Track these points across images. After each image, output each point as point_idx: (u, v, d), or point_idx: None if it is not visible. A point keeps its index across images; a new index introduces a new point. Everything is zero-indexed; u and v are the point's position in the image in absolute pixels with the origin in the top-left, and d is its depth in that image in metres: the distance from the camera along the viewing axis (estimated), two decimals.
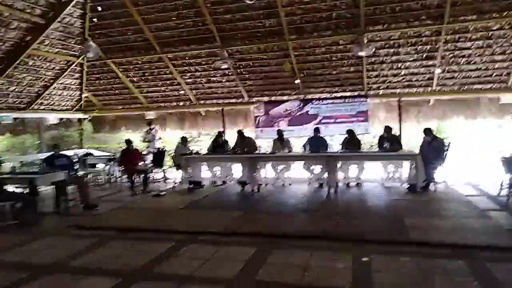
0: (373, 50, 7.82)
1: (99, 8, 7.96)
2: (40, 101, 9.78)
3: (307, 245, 4.43)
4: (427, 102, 9.66)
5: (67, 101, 10.75)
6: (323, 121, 9.92)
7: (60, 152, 7.78)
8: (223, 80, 9.81)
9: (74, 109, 11.27)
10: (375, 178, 8.31)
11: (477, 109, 9.33)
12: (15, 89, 8.78)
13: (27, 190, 6.37)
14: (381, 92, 9.51)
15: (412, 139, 11.10)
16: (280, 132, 8.82)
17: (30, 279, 3.75)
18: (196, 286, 3.47)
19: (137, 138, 11.98)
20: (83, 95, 10.81)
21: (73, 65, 9.39)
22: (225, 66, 8.58)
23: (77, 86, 10.47)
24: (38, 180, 6.44)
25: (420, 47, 8.11)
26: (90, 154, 10.27)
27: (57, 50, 8.62)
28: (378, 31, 7.81)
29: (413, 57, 8.36)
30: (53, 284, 3.68)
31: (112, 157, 9.56)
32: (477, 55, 8.03)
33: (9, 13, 6.72)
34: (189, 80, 9.95)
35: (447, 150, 7.65)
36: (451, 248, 4.10)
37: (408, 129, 10.44)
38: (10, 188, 6.42)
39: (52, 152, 7.80)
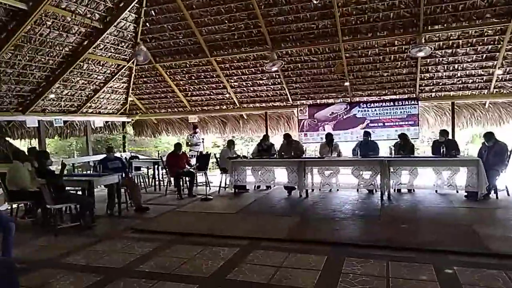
0: (431, 51, 7.51)
1: (153, 12, 8.04)
2: (89, 104, 9.99)
3: (380, 254, 4.23)
4: (481, 105, 9.23)
5: (113, 104, 10.96)
6: (371, 124, 9.67)
7: (115, 155, 7.91)
8: (269, 83, 9.72)
9: (119, 112, 11.48)
10: (428, 184, 8.00)
11: None
12: (68, 92, 8.99)
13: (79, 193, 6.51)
14: (433, 94, 9.15)
15: (462, 143, 10.66)
16: (329, 136, 8.60)
17: (106, 282, 3.74)
18: None
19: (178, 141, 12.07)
20: (129, 99, 10.98)
21: (123, 69, 9.54)
22: (275, 68, 8.47)
23: (124, 90, 10.65)
24: (96, 182, 6.56)
25: (480, 47, 7.73)
26: (136, 157, 10.42)
27: (109, 54, 8.77)
28: (437, 31, 7.50)
29: (472, 57, 7.99)
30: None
31: (158, 160, 9.64)
32: None
33: (71, 18, 6.87)
34: (235, 84, 9.92)
35: (510, 155, 7.25)
36: None
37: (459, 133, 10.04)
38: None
39: (105, 155, 7.97)
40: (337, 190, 8.44)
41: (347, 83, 9.07)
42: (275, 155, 8.73)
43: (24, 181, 6.07)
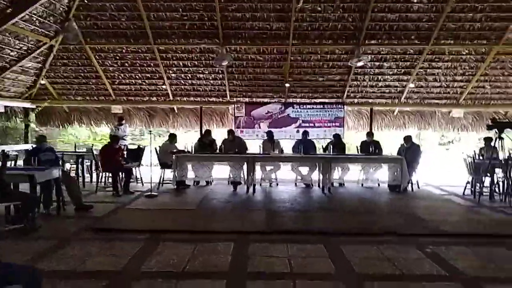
0: (367, 62, 8.53)
1: None
2: None
3: (363, 240, 4.69)
4: (391, 112, 10.80)
5: (18, 87, 9.26)
6: (303, 124, 10.37)
7: (47, 146, 6.73)
8: (210, 78, 9.57)
9: (24, 97, 9.76)
10: (353, 179, 9.04)
11: (432, 121, 10.77)
12: None
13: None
14: (356, 100, 10.32)
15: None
16: (270, 133, 8.96)
17: (119, 286, 3.34)
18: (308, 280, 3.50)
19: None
20: (41, 82, 9.43)
21: (44, 46, 8.18)
22: (225, 63, 8.39)
23: (36, 71, 9.11)
24: (38, 177, 5.53)
25: (401, 63, 9.09)
26: (50, 149, 8.97)
27: (32, 27, 7.43)
28: (372, 45, 8.54)
29: (393, 71, 9.32)
30: None
31: (82, 154, 8.57)
32: (443, 74, 9.31)
33: None
34: (172, 75, 9.46)
35: (420, 155, 8.72)
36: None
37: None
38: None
39: (35, 145, 6.73)
40: (277, 184, 8.87)
41: (287, 84, 9.56)
42: (216, 151, 8.68)
43: None
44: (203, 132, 9.07)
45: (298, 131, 10.40)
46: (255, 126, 10.39)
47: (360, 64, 8.43)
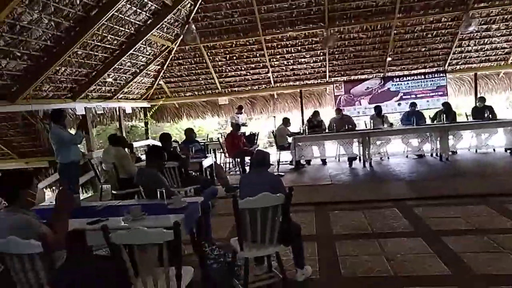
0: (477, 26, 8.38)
1: None
2: (127, 89, 9.39)
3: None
4: (496, 75, 10.45)
5: (140, 89, 10.37)
6: (404, 97, 10.42)
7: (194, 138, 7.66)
8: (311, 61, 9.95)
9: (142, 98, 10.90)
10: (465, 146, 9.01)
11: None
12: (113, 76, 8.35)
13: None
14: (458, 67, 10.13)
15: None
16: (379, 108, 9.16)
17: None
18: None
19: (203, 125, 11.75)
20: (160, 82, 10.46)
21: (166, 50, 9.09)
22: (330, 44, 8.73)
23: (155, 73, 10.12)
24: (204, 163, 6.41)
25: (511, 22, 8.77)
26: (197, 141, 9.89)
27: (161, 34, 8.31)
28: (481, 8, 8.34)
29: (502, 32, 9.02)
30: None
31: (212, 142, 9.50)
32: None
33: None
34: (276, 63, 9.98)
35: None
36: None
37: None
38: None
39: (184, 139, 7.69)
40: (388, 158, 9.13)
41: (389, 58, 9.66)
42: (325, 130, 9.10)
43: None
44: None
45: (399, 104, 10.50)
46: (355, 103, 10.64)
47: (471, 29, 8.30)
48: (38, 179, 7.18)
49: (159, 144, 5.77)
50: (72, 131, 6.00)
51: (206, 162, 6.56)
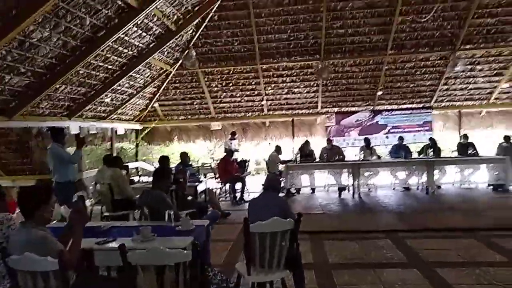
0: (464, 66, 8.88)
1: (216, 17, 8.08)
2: (121, 110, 9.43)
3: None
4: (477, 113, 10.96)
5: (133, 110, 10.42)
6: (392, 130, 10.77)
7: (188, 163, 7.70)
8: (304, 91, 10.26)
9: (135, 119, 10.93)
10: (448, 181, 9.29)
11: None
12: (110, 96, 8.41)
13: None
14: (443, 104, 10.60)
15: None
16: (368, 141, 9.43)
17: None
18: None
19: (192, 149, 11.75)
20: (154, 105, 10.54)
21: (164, 74, 9.24)
22: (325, 76, 9.06)
23: (150, 95, 10.23)
24: (199, 188, 6.44)
25: (495, 64, 9.33)
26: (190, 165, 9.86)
27: (161, 57, 8.48)
28: (468, 50, 8.87)
29: (485, 73, 9.55)
30: None
31: (204, 168, 9.53)
32: None
33: (157, 17, 6.67)
34: (271, 91, 10.24)
35: None
36: None
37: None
38: None
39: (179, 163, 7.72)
40: (375, 189, 9.31)
41: (379, 92, 10.05)
42: (316, 160, 9.27)
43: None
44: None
45: (387, 137, 10.82)
46: (345, 135, 10.93)
47: (458, 69, 8.78)
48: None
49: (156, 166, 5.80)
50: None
51: (201, 187, 6.59)
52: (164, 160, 5.79)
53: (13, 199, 3.85)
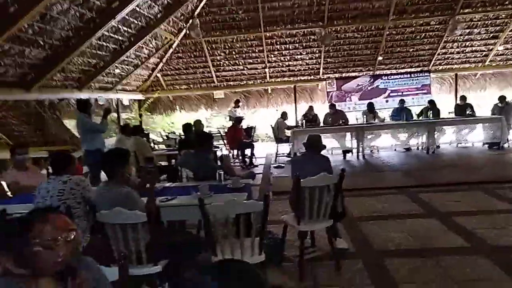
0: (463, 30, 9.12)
1: None
2: (125, 81, 9.45)
3: None
4: (472, 75, 11.32)
5: (137, 81, 10.44)
6: (391, 94, 11.08)
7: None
8: (307, 58, 10.39)
9: (139, 90, 10.96)
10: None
11: None
12: (117, 67, 8.43)
13: None
14: (441, 67, 10.91)
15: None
16: (371, 105, 9.73)
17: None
18: None
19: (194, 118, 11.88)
20: (158, 75, 10.55)
21: (168, 44, 9.23)
22: (327, 42, 9.19)
23: (153, 66, 10.22)
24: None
25: (491, 28, 9.60)
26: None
27: (167, 27, 8.46)
28: (466, 14, 9.07)
29: (482, 36, 9.82)
30: None
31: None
32: None
33: None
34: (273, 59, 10.35)
35: None
36: None
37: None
38: None
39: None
40: (378, 151, 9.75)
41: (380, 57, 10.26)
42: (320, 124, 9.57)
43: None
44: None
45: (387, 101, 11.15)
46: (346, 99, 11.20)
47: (457, 32, 9.02)
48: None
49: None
50: None
51: (218, 153, 6.86)
52: (187, 127, 5.98)
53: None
